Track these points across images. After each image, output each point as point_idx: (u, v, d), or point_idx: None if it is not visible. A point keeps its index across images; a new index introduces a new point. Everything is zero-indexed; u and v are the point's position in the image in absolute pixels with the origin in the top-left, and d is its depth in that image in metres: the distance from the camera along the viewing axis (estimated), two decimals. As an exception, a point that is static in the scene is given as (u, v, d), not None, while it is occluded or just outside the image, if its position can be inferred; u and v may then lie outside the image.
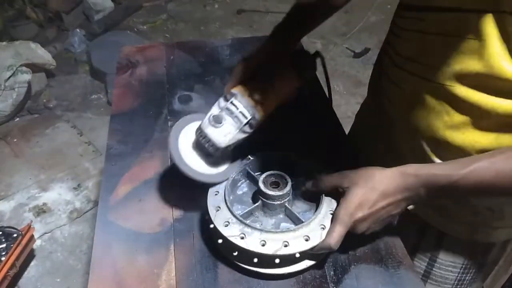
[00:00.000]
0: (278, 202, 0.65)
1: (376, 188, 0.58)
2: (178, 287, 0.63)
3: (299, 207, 0.69)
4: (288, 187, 0.65)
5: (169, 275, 0.64)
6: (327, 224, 0.62)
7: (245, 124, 0.66)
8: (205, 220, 0.68)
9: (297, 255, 0.60)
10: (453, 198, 0.70)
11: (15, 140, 2.19)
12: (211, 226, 0.63)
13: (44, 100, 2.50)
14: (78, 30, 2.84)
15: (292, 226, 0.64)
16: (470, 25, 0.56)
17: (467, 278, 0.81)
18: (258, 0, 3.46)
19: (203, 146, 0.66)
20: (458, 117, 0.63)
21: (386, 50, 0.76)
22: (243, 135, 0.66)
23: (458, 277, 0.81)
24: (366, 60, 2.83)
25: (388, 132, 0.78)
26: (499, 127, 0.61)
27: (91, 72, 2.69)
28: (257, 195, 0.67)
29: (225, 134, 0.65)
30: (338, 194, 0.63)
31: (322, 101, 0.97)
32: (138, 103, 0.96)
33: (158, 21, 3.24)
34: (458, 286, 0.83)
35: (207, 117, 0.66)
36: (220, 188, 0.67)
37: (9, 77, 2.24)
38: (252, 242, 0.59)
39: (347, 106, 2.29)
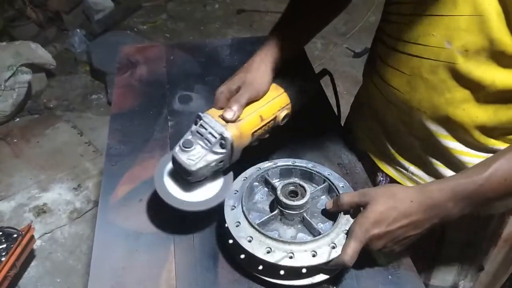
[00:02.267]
0: (296, 212, 0.64)
1: (397, 207, 0.57)
2: (178, 287, 0.63)
3: (317, 217, 0.67)
4: (307, 197, 0.63)
5: (169, 275, 0.64)
6: (338, 243, 0.60)
7: (214, 145, 0.64)
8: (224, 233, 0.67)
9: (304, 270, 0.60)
10: (482, 206, 0.66)
11: (15, 140, 2.19)
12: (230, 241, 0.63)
13: (44, 100, 2.50)
14: (78, 30, 2.84)
15: (309, 237, 0.63)
16: (471, 3, 0.56)
17: (469, 254, 0.83)
18: (258, 0, 3.46)
19: (179, 173, 0.66)
20: (459, 93, 0.63)
21: (380, 38, 0.76)
22: (215, 156, 0.65)
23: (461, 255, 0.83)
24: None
25: (388, 117, 0.78)
26: (497, 101, 0.62)
27: (91, 72, 2.69)
28: (274, 203, 0.66)
29: (195, 157, 0.64)
30: (357, 213, 0.62)
31: (329, 117, 0.95)
32: (138, 103, 0.96)
33: (158, 21, 3.25)
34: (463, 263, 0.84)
35: (178, 143, 0.66)
36: (237, 200, 0.66)
37: (9, 77, 2.24)
38: (278, 255, 0.59)
39: (347, 106, 2.29)
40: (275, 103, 0.73)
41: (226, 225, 0.63)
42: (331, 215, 0.66)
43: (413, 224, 0.58)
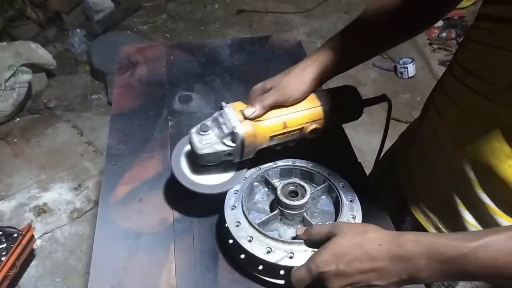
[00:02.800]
0: (297, 212, 0.64)
1: (363, 246, 0.50)
2: (178, 287, 0.63)
3: (317, 217, 0.68)
4: (307, 197, 0.64)
5: (169, 275, 0.64)
6: None
7: (225, 136, 0.65)
8: (223, 230, 0.67)
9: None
10: (459, 278, 0.59)
11: (15, 140, 2.19)
12: (231, 241, 0.63)
13: (45, 100, 2.50)
14: (78, 30, 2.84)
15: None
16: None
17: None
18: (258, 0, 3.46)
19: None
20: (509, 147, 0.56)
21: (450, 63, 0.70)
22: (223, 148, 0.65)
23: None
24: (366, 60, 2.83)
25: (429, 154, 0.72)
26: None
27: (91, 72, 2.69)
28: (274, 203, 0.66)
29: (206, 142, 0.65)
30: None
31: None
32: (138, 103, 0.96)
33: (158, 21, 3.25)
34: None
35: (198, 125, 0.67)
36: (238, 199, 0.66)
37: (10, 77, 2.24)
38: (277, 255, 0.59)
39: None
40: (305, 115, 0.71)
41: (226, 225, 0.63)
42: (331, 215, 0.67)
43: (376, 272, 0.50)
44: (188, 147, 0.71)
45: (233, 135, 0.65)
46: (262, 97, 0.68)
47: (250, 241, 0.60)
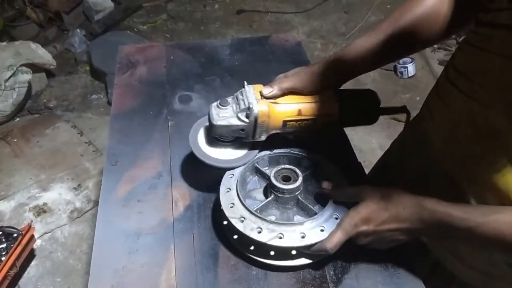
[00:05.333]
0: (291, 195, 0.66)
1: (389, 209, 0.58)
2: (178, 287, 0.63)
3: (309, 198, 0.70)
4: (300, 180, 0.66)
5: (169, 275, 0.65)
6: (327, 226, 0.62)
7: (241, 111, 0.68)
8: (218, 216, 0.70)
9: (293, 252, 0.62)
10: (466, 243, 0.66)
11: (15, 140, 2.19)
12: (225, 222, 0.66)
13: (44, 100, 2.50)
14: (78, 30, 2.84)
15: (304, 219, 0.65)
16: None
17: None
18: (258, 0, 3.46)
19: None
20: (500, 157, 0.56)
21: (446, 65, 0.70)
22: (237, 122, 0.68)
23: None
24: (366, 60, 2.83)
25: (423, 156, 0.72)
26: None
27: (91, 72, 2.69)
28: (268, 190, 0.68)
29: (223, 115, 0.68)
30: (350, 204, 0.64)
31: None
32: (138, 103, 0.96)
33: (158, 21, 3.24)
34: None
35: (220, 100, 0.71)
36: (232, 184, 0.69)
37: (10, 77, 2.24)
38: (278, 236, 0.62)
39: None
40: (320, 107, 0.72)
41: (221, 207, 0.65)
42: (321, 199, 0.69)
43: (400, 230, 0.58)
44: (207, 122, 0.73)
45: (248, 111, 0.67)
46: (282, 79, 0.71)
47: (242, 221, 0.63)
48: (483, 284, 0.71)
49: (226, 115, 0.68)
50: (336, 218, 0.63)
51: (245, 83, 0.70)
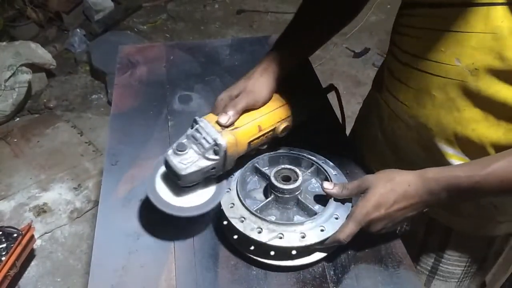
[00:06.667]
0: (291, 195, 0.66)
1: (396, 189, 0.59)
2: (178, 287, 0.63)
3: (309, 198, 0.70)
4: (300, 180, 0.66)
5: (169, 275, 0.65)
6: (327, 227, 0.62)
7: (207, 150, 0.64)
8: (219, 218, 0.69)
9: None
10: (474, 199, 0.69)
11: (15, 140, 2.19)
12: (225, 222, 0.65)
13: (44, 100, 2.50)
14: (78, 30, 2.84)
15: (304, 219, 0.65)
16: (482, 19, 0.55)
17: (471, 271, 0.82)
18: (258, 0, 3.46)
19: (170, 176, 0.66)
20: (469, 112, 0.62)
21: (390, 50, 0.74)
22: (207, 162, 0.64)
23: (464, 271, 0.82)
24: (366, 60, 2.83)
25: (395, 131, 0.76)
26: (509, 121, 0.60)
27: (91, 72, 2.69)
28: (268, 190, 0.68)
29: (187, 161, 0.63)
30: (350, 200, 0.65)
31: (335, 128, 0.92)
32: (138, 103, 0.96)
33: (158, 21, 3.24)
34: (463, 280, 0.83)
35: (172, 146, 0.65)
36: (232, 184, 0.69)
37: (9, 77, 2.24)
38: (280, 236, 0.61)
39: (347, 106, 2.28)
40: (275, 114, 0.72)
41: (221, 207, 0.65)
42: (321, 199, 0.69)
43: (411, 207, 0.60)
44: (162, 170, 0.67)
45: (216, 147, 0.64)
46: (233, 103, 0.68)
47: (242, 221, 0.62)
48: (475, 228, 0.76)
49: (191, 160, 0.63)
50: (336, 218, 0.63)
51: (197, 118, 0.66)
